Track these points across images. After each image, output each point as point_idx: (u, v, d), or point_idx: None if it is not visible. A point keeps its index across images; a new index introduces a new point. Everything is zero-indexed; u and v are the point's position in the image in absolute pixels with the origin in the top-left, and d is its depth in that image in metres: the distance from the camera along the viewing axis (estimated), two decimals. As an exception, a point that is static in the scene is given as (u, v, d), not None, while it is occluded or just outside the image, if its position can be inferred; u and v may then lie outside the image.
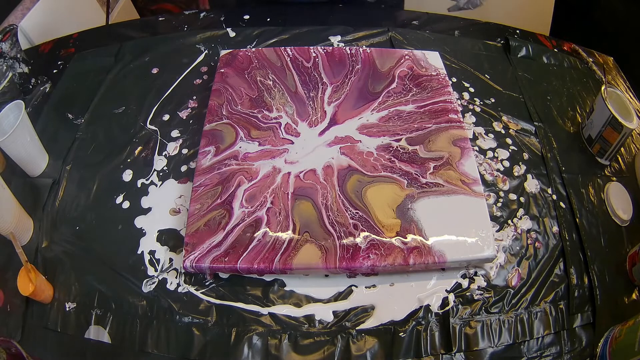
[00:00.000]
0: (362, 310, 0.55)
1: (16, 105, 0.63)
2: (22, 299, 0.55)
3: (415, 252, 0.55)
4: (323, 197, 0.59)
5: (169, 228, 0.60)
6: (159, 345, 0.53)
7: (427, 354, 0.53)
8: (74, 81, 0.80)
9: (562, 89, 0.81)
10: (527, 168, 0.68)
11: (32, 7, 1.04)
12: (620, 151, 0.71)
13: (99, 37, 0.89)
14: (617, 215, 0.65)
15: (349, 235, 0.56)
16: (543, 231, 0.62)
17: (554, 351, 0.54)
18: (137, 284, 0.56)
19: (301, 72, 0.75)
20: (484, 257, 0.56)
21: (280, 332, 0.54)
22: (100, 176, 0.66)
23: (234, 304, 0.55)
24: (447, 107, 0.70)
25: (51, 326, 0.54)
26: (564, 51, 0.90)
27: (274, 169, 0.62)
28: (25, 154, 0.64)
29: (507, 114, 0.75)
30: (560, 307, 0.57)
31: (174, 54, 0.83)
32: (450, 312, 0.55)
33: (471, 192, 0.60)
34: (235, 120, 0.68)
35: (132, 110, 0.74)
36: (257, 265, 0.54)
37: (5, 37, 0.74)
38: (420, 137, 0.66)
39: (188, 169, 0.66)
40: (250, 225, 0.57)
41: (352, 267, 0.54)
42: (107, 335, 0.53)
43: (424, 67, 0.76)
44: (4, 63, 0.74)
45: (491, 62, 0.84)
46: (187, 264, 0.54)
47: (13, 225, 0.57)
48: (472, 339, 0.54)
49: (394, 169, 0.62)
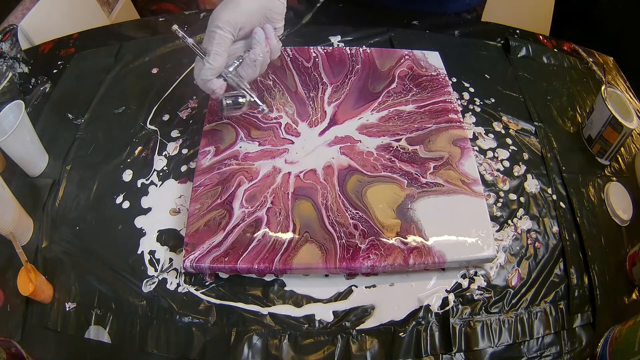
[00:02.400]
0: (362, 310, 0.55)
1: (16, 105, 0.63)
2: (22, 299, 0.55)
3: (415, 252, 0.55)
4: (323, 197, 0.59)
5: (169, 228, 0.60)
6: (159, 345, 0.53)
7: (427, 354, 0.53)
8: (74, 81, 0.80)
9: (562, 89, 0.81)
10: (527, 168, 0.68)
11: (32, 7, 1.05)
12: (620, 151, 0.71)
13: (99, 37, 0.89)
14: (617, 215, 0.65)
15: (349, 235, 0.56)
16: (543, 231, 0.62)
17: (554, 351, 0.54)
18: (137, 284, 0.56)
19: (301, 72, 0.75)
20: (484, 257, 0.56)
21: (280, 332, 0.54)
22: (100, 176, 0.66)
23: (234, 304, 0.55)
24: (447, 107, 0.70)
25: (51, 326, 0.54)
26: (564, 51, 0.90)
27: (274, 169, 0.62)
28: (25, 154, 0.64)
29: (507, 114, 0.75)
30: (560, 307, 0.57)
31: (174, 54, 0.83)
32: (450, 312, 0.55)
33: (471, 192, 0.60)
34: (235, 120, 0.68)
35: (132, 110, 0.74)
36: (257, 266, 0.54)
37: (5, 37, 0.74)
38: (420, 137, 0.66)
39: (188, 169, 0.66)
40: (250, 225, 0.57)
41: (352, 267, 0.54)
42: (107, 335, 0.53)
43: (424, 67, 0.76)
44: (4, 63, 0.74)
45: (491, 62, 0.84)
46: (187, 264, 0.54)
47: (13, 225, 0.57)
48: (472, 339, 0.54)
49: (394, 169, 0.62)
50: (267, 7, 0.60)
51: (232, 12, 0.57)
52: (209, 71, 0.57)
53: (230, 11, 0.57)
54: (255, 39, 0.60)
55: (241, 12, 0.58)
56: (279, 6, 0.61)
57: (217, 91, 0.59)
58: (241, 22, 0.58)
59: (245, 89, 0.61)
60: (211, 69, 0.57)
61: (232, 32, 0.58)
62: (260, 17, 0.60)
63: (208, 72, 0.57)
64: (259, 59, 0.60)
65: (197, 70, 0.59)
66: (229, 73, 0.60)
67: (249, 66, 0.60)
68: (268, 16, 0.60)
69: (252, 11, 0.59)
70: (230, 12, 0.57)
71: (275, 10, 0.61)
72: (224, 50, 0.58)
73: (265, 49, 0.60)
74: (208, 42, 0.58)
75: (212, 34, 0.57)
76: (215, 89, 0.59)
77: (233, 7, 0.58)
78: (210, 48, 0.57)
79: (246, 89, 0.61)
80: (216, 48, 0.57)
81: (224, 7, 0.58)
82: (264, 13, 0.60)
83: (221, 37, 0.57)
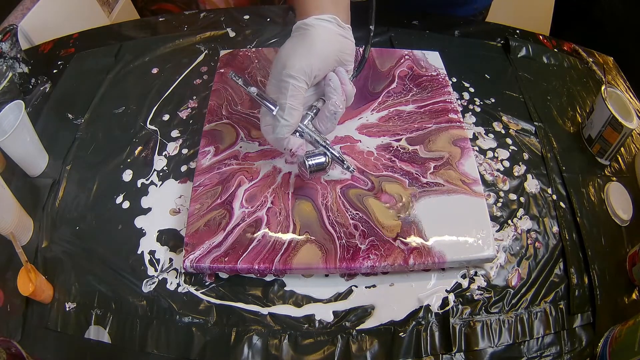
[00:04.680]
0: (362, 310, 0.55)
1: (16, 105, 0.63)
2: (22, 299, 0.55)
3: (415, 252, 0.55)
4: (323, 198, 0.59)
5: (169, 228, 0.60)
6: (159, 345, 0.53)
7: (427, 354, 0.53)
8: (74, 81, 0.80)
9: (562, 89, 0.81)
10: (527, 168, 0.68)
11: (32, 7, 1.05)
12: (620, 151, 0.71)
13: (99, 37, 0.89)
14: (617, 215, 0.65)
15: (349, 235, 0.56)
16: (543, 231, 0.62)
17: (554, 351, 0.54)
18: (137, 284, 0.56)
19: (301, 72, 0.75)
20: (484, 257, 0.56)
21: (280, 332, 0.54)
22: (100, 176, 0.66)
23: (234, 304, 0.55)
24: (447, 107, 0.70)
25: (51, 326, 0.54)
26: (564, 51, 0.90)
27: (275, 169, 0.62)
28: (25, 154, 0.64)
29: (507, 114, 0.75)
30: (560, 307, 0.57)
31: (174, 54, 0.83)
32: (450, 312, 0.55)
33: (471, 192, 0.60)
34: (236, 120, 0.68)
35: (132, 110, 0.74)
36: (258, 266, 0.54)
37: (5, 37, 0.74)
38: (420, 137, 0.66)
39: (188, 169, 0.66)
40: (251, 226, 0.57)
41: (352, 268, 0.54)
42: (107, 335, 0.53)
43: (424, 67, 0.76)
44: (4, 63, 0.74)
45: (491, 62, 0.84)
46: (187, 264, 0.54)
47: (13, 225, 0.57)
48: (472, 339, 0.54)
49: (394, 169, 0.62)
50: (341, 48, 0.52)
51: (305, 58, 0.50)
52: (285, 128, 0.50)
53: (303, 57, 0.49)
54: (331, 87, 0.52)
55: (316, 57, 0.50)
56: (351, 46, 0.54)
57: (298, 152, 0.52)
58: (317, 68, 0.50)
59: (326, 146, 0.54)
60: (288, 126, 0.50)
61: (306, 82, 0.50)
62: (334, 61, 0.53)
63: (284, 129, 0.50)
64: (340, 111, 0.52)
65: (266, 125, 0.52)
66: (305, 128, 0.53)
67: (328, 119, 0.53)
68: (341, 58, 0.53)
69: (327, 55, 0.51)
70: (304, 59, 0.49)
71: (347, 51, 0.54)
72: (299, 103, 0.51)
73: (342, 97, 0.53)
74: (279, 92, 0.50)
75: (285, 84, 0.50)
76: (295, 149, 0.52)
77: (306, 51, 0.50)
78: (283, 101, 0.50)
79: (327, 146, 0.54)
80: (291, 101, 0.50)
81: (295, 51, 0.50)
82: (338, 56, 0.53)
83: (295, 88, 0.49)
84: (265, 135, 0.54)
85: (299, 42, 0.51)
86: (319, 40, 0.51)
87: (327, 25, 0.52)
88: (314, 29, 0.51)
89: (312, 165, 0.54)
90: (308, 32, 0.51)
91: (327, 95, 0.53)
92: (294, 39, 0.52)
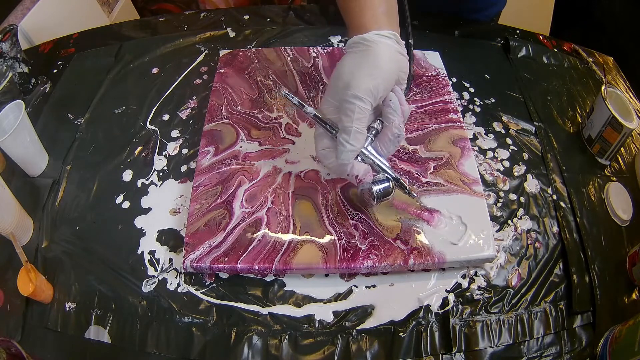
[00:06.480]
0: (362, 310, 0.55)
1: (16, 105, 0.63)
2: (22, 299, 0.55)
3: (415, 252, 0.55)
4: (323, 197, 0.59)
5: (169, 228, 0.60)
6: (159, 345, 0.53)
7: (427, 354, 0.53)
8: (74, 81, 0.80)
9: (562, 89, 0.81)
10: (527, 168, 0.68)
11: (32, 7, 1.05)
12: (620, 151, 0.71)
13: (99, 37, 0.89)
14: (617, 215, 0.65)
15: (349, 235, 0.56)
16: (543, 231, 0.62)
17: (554, 351, 0.54)
18: (137, 284, 0.56)
19: (301, 72, 0.75)
20: (484, 257, 0.56)
21: (280, 332, 0.54)
22: (100, 176, 0.66)
23: (234, 304, 0.55)
24: (447, 107, 0.70)
25: (51, 326, 0.54)
26: (564, 51, 0.90)
27: (275, 169, 0.62)
28: (25, 154, 0.64)
29: (507, 114, 0.75)
30: (560, 307, 0.57)
31: (174, 54, 0.83)
32: (450, 312, 0.55)
33: (471, 192, 0.60)
34: (236, 120, 0.68)
35: (132, 110, 0.74)
36: (258, 266, 0.54)
37: (5, 37, 0.74)
38: (420, 137, 0.66)
39: (188, 169, 0.66)
40: (251, 226, 0.57)
41: (352, 268, 0.54)
42: (107, 335, 0.53)
43: (424, 67, 0.76)
44: (4, 63, 0.74)
45: (491, 62, 0.84)
46: (187, 264, 0.54)
47: (13, 225, 0.57)
48: (472, 339, 0.54)
49: (394, 169, 0.62)
50: (401, 67, 0.49)
51: (372, 78, 0.46)
52: (351, 154, 0.47)
53: (370, 77, 0.46)
54: (392, 108, 0.49)
55: (382, 76, 0.46)
56: (407, 64, 0.51)
57: (366, 178, 0.49)
58: (382, 89, 0.47)
59: (388, 170, 0.52)
60: (353, 151, 0.47)
61: (372, 103, 0.47)
62: (394, 80, 0.49)
63: (350, 154, 0.47)
64: (403, 134, 0.49)
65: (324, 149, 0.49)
66: (367, 152, 0.50)
67: (391, 142, 0.49)
68: (400, 77, 0.50)
69: (390, 73, 0.48)
70: (371, 79, 0.46)
71: (404, 69, 0.50)
72: (364, 127, 0.47)
73: (401, 118, 0.49)
74: (342, 114, 0.47)
75: (350, 106, 0.46)
76: (361, 175, 0.48)
77: (371, 71, 0.46)
78: (349, 124, 0.46)
79: (389, 170, 0.52)
80: (357, 124, 0.46)
81: (359, 71, 0.46)
82: (398, 75, 0.49)
83: (362, 110, 0.46)
84: (322, 159, 0.50)
85: (364, 60, 0.47)
86: (383, 59, 0.47)
87: (388, 42, 0.49)
88: (377, 46, 0.48)
89: (380, 191, 0.51)
90: (371, 50, 0.48)
91: (387, 117, 0.49)
92: (355, 56, 0.48)
